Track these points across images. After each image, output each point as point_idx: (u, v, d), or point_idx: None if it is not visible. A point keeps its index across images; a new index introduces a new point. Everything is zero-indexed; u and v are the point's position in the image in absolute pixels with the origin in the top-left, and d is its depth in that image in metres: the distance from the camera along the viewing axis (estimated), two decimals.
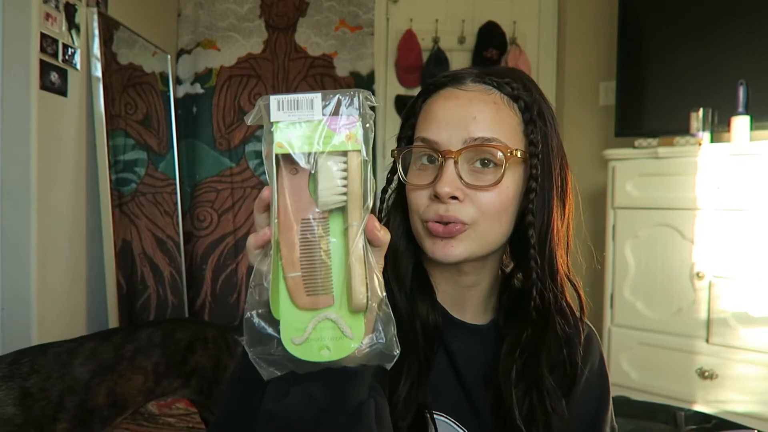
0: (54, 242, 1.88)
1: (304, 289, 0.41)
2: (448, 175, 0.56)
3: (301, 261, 0.41)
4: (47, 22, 1.81)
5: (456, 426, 0.62)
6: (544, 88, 0.66)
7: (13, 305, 1.75)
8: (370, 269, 0.41)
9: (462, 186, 0.56)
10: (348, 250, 0.41)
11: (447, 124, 0.58)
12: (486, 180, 0.57)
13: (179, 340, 1.45)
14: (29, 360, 1.19)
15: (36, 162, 1.78)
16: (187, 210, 2.76)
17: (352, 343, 0.41)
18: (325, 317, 0.41)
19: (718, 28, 2.06)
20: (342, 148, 0.41)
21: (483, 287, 0.66)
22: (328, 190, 0.41)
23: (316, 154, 0.41)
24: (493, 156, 0.57)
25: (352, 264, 0.40)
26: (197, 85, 2.78)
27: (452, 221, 0.57)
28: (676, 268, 1.94)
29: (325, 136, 0.41)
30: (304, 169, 0.41)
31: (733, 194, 1.81)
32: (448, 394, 0.62)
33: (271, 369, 0.42)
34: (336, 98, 0.42)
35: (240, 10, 2.81)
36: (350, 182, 0.41)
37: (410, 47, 2.83)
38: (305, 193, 0.42)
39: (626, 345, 2.04)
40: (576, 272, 0.66)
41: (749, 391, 1.78)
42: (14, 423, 1.12)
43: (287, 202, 0.41)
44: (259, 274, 0.42)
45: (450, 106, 0.58)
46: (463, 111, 0.58)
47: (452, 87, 0.60)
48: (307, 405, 0.44)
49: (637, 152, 2.02)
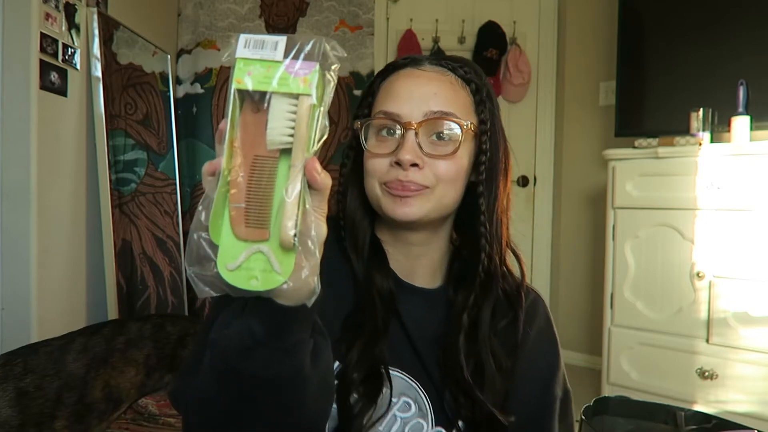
0: (54, 242, 1.88)
1: (245, 220, 0.42)
2: (409, 144, 0.61)
3: (247, 194, 0.43)
4: (47, 22, 1.81)
5: (409, 380, 0.65)
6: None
7: (13, 305, 1.75)
8: (304, 210, 0.43)
9: (422, 155, 0.62)
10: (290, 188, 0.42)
11: (409, 99, 0.62)
12: (443, 150, 0.63)
13: (170, 333, 1.45)
14: (21, 360, 1.19)
15: (36, 162, 1.78)
16: (187, 210, 2.76)
17: (279, 278, 0.42)
18: (258, 250, 0.42)
19: (718, 28, 2.06)
20: (294, 90, 0.42)
21: (433, 257, 0.71)
22: (276, 130, 0.43)
23: (269, 93, 0.42)
24: (450, 129, 0.63)
25: (285, 202, 0.42)
26: (197, 85, 2.78)
27: (411, 184, 0.62)
28: (676, 268, 1.94)
29: (280, 77, 0.42)
30: (265, 110, 0.43)
31: (733, 194, 1.81)
32: (400, 351, 0.66)
33: (206, 289, 0.44)
34: (299, 44, 0.43)
35: (240, 10, 2.81)
36: (297, 125, 0.42)
37: (410, 47, 2.83)
38: (261, 131, 0.43)
39: (626, 345, 2.03)
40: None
41: (749, 391, 1.78)
42: (11, 424, 1.11)
43: (241, 137, 0.43)
44: (207, 199, 0.44)
45: (410, 83, 0.64)
46: (423, 87, 0.63)
47: (411, 68, 0.66)
48: (244, 336, 0.46)
49: (637, 152, 2.02)
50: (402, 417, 0.63)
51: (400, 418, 0.63)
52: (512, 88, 2.84)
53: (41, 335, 1.73)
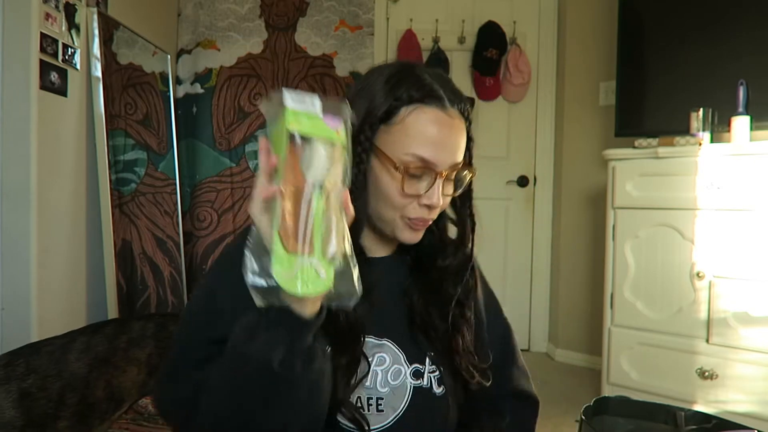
0: (54, 242, 1.88)
1: (294, 236, 0.53)
2: (438, 191, 0.71)
3: (294, 215, 0.53)
4: (47, 22, 1.81)
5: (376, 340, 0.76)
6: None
7: (13, 305, 1.75)
8: (341, 229, 0.55)
9: (442, 197, 0.72)
10: (328, 213, 0.54)
11: (443, 149, 0.70)
12: (453, 191, 0.75)
13: (172, 333, 1.44)
14: (23, 360, 1.19)
15: (36, 162, 1.78)
16: (187, 210, 2.76)
17: (325, 284, 0.53)
18: (309, 261, 0.53)
19: (718, 28, 2.06)
20: (332, 137, 0.55)
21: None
22: (318, 168, 0.54)
23: (314, 138, 0.54)
24: (463, 176, 0.74)
25: (327, 223, 0.54)
26: (197, 85, 2.78)
27: (430, 221, 0.74)
28: (676, 268, 1.94)
29: (322, 127, 0.55)
30: (301, 147, 0.54)
31: (733, 194, 1.81)
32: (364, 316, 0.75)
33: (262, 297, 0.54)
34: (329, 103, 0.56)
35: (240, 10, 2.81)
36: (334, 163, 0.55)
37: (410, 47, 2.83)
38: (300, 165, 0.54)
39: (626, 345, 2.03)
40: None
41: (749, 391, 1.78)
42: (15, 426, 1.11)
43: (289, 170, 0.54)
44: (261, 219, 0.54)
45: (444, 133, 0.71)
46: (452, 139, 0.71)
47: (439, 109, 0.71)
48: (273, 348, 0.56)
49: (637, 152, 2.02)
50: (380, 369, 0.74)
51: (380, 371, 0.74)
52: (512, 88, 2.84)
53: (41, 335, 1.72)
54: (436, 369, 0.77)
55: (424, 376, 0.76)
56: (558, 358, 2.76)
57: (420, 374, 0.76)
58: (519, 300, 2.93)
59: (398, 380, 0.74)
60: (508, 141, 2.93)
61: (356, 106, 0.68)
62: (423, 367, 0.76)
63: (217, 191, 2.78)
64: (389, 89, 0.71)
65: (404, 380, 0.75)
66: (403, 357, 0.76)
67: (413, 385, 0.75)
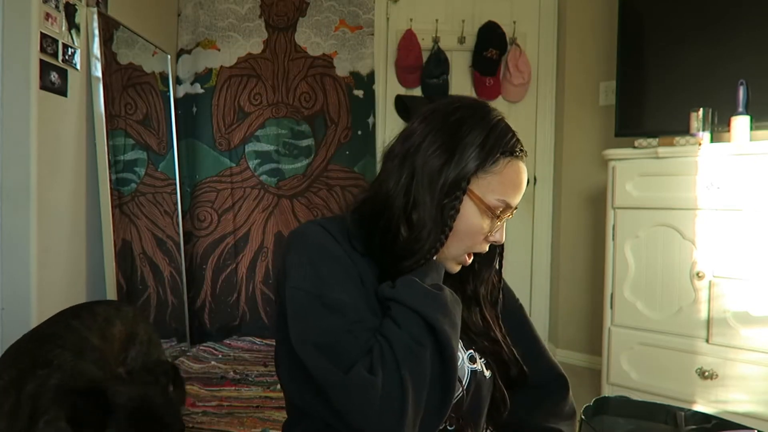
0: (54, 242, 1.88)
1: None
2: (504, 230, 0.79)
3: None
4: (47, 22, 1.81)
5: None
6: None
7: (13, 305, 1.75)
8: None
9: None
10: None
11: (519, 195, 0.78)
12: None
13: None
14: None
15: (36, 162, 1.78)
16: (187, 210, 2.76)
17: None
18: None
19: (718, 28, 2.06)
20: None
21: None
22: None
23: None
24: None
25: None
26: (197, 85, 2.78)
27: None
28: (676, 268, 1.94)
29: None
30: None
31: (733, 194, 1.81)
32: None
33: None
34: None
35: (240, 10, 2.81)
36: None
37: (410, 47, 2.83)
38: None
39: (626, 345, 2.03)
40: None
41: (749, 391, 1.78)
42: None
43: None
44: None
45: (521, 180, 0.78)
46: (523, 185, 0.78)
47: (521, 162, 0.78)
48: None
49: (637, 152, 2.02)
50: None
51: None
52: (512, 88, 2.84)
53: None
54: (482, 357, 0.84)
55: (477, 361, 0.82)
56: (558, 357, 2.76)
57: (474, 360, 0.82)
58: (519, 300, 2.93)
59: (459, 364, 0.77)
60: None
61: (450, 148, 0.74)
62: (475, 354, 0.83)
63: (217, 191, 2.78)
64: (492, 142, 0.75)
65: (463, 365, 0.80)
66: (460, 343, 0.80)
67: (470, 368, 0.81)
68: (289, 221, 2.80)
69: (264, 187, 2.80)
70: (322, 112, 2.80)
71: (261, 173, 2.80)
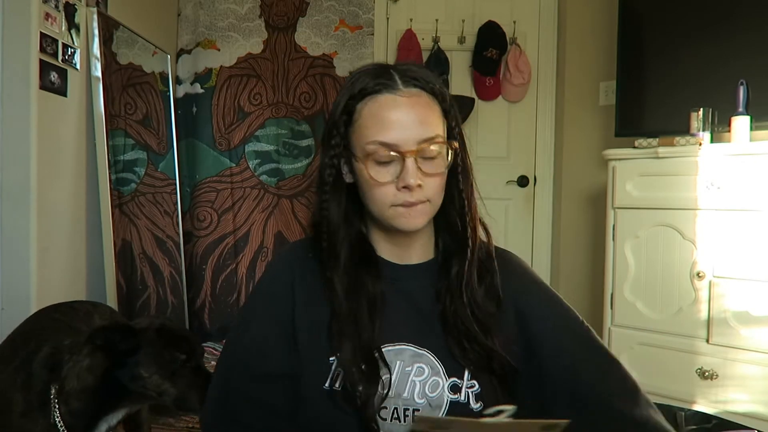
0: (54, 242, 1.88)
1: None
2: (412, 170, 0.71)
3: None
4: (47, 22, 1.81)
5: (416, 348, 0.77)
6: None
7: (13, 305, 1.75)
8: None
9: (421, 176, 0.72)
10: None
11: (401, 128, 0.71)
12: (436, 169, 0.74)
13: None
14: None
15: (36, 162, 1.78)
16: (187, 210, 2.76)
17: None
18: None
19: (718, 28, 2.06)
20: None
21: (422, 238, 0.83)
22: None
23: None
24: (438, 150, 0.73)
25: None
26: (197, 85, 2.78)
27: (417, 203, 0.73)
28: (676, 268, 1.94)
29: None
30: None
31: (733, 194, 1.81)
32: (406, 325, 0.78)
33: None
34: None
35: (240, 10, 2.81)
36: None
37: (410, 47, 2.83)
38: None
39: (626, 345, 2.03)
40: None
41: (750, 391, 1.78)
42: None
43: None
44: None
45: (398, 113, 0.72)
46: (410, 114, 0.72)
47: (390, 93, 0.72)
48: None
49: (637, 152, 2.02)
50: (419, 380, 0.75)
51: (418, 382, 0.75)
52: (512, 88, 2.84)
53: None
54: (476, 384, 0.76)
55: (462, 390, 0.75)
56: None
57: (458, 389, 0.75)
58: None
59: (436, 393, 0.74)
60: (508, 141, 2.93)
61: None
62: (461, 382, 0.76)
63: (217, 191, 2.78)
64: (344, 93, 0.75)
65: (441, 393, 0.75)
66: (443, 370, 0.76)
67: (450, 399, 0.75)
68: (289, 221, 2.80)
69: (264, 187, 2.80)
70: (322, 112, 2.80)
71: (261, 173, 2.80)
